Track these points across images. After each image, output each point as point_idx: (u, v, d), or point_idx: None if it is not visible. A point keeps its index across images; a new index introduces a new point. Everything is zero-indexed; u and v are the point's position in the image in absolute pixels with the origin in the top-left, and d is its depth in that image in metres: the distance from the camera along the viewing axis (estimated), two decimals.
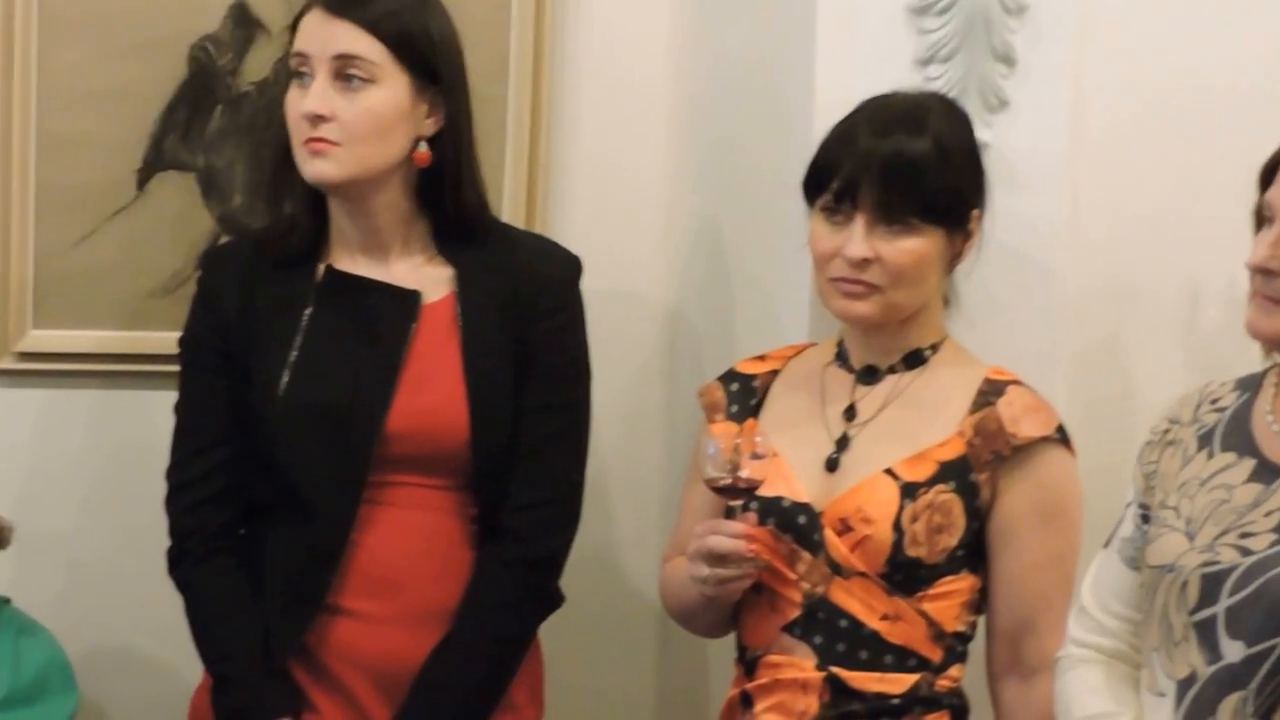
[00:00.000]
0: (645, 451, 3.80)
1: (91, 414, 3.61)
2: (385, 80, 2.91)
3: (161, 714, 3.41)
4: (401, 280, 3.02)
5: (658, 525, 3.68)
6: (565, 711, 3.38)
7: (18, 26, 3.43)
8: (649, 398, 3.81)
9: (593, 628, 3.69)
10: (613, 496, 3.75)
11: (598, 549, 3.65)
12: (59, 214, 3.52)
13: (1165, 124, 3.34)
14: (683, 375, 3.75)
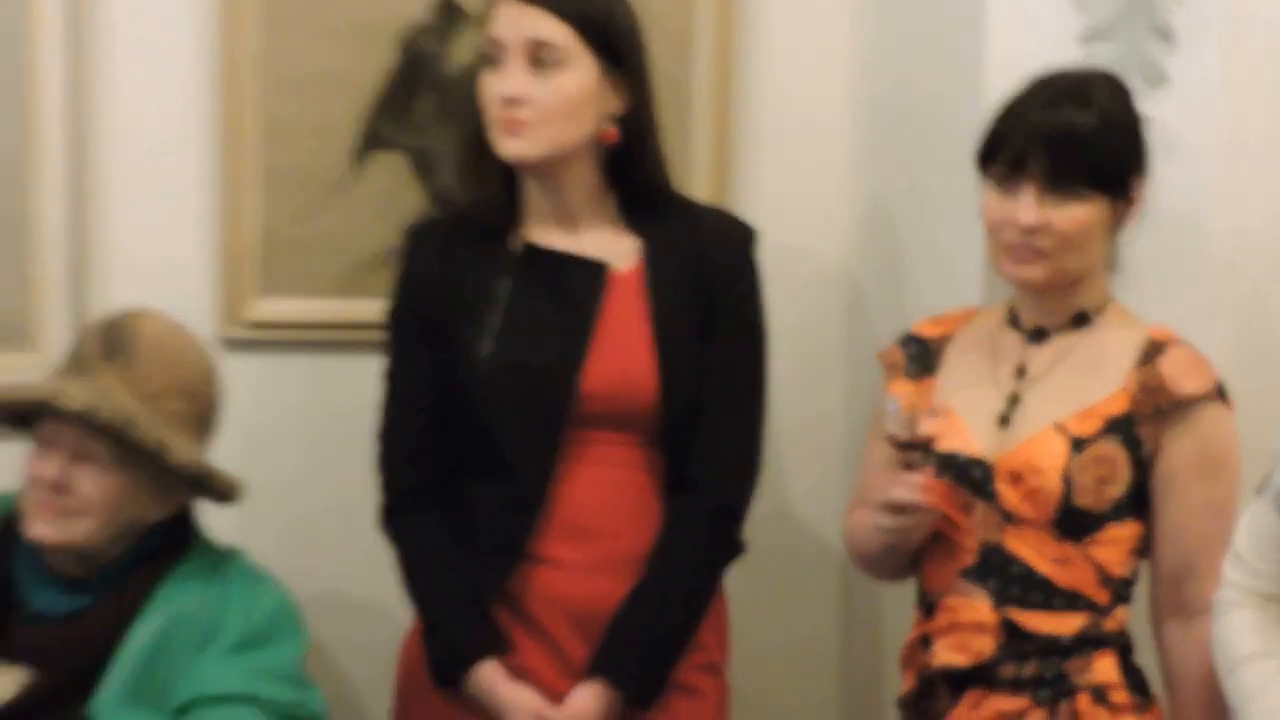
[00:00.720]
0: (827, 409, 3.89)
1: (310, 377, 3.77)
2: (574, 63, 3.02)
3: (377, 655, 3.53)
4: (592, 251, 3.13)
5: (840, 479, 3.79)
6: (751, 654, 3.49)
7: (246, 19, 3.61)
8: (830, 359, 3.89)
9: (778, 575, 3.80)
10: (796, 452, 3.85)
11: (783, 502, 3.79)
12: (284, 192, 3.68)
13: None
14: (861, 338, 3.83)
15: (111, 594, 3.17)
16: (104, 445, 3.06)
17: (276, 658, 3.15)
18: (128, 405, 3.07)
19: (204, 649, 3.12)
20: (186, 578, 3.20)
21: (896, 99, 3.80)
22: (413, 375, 3.24)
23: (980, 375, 3.07)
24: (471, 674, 3.12)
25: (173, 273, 3.69)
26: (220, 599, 3.18)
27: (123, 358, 3.15)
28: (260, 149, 3.69)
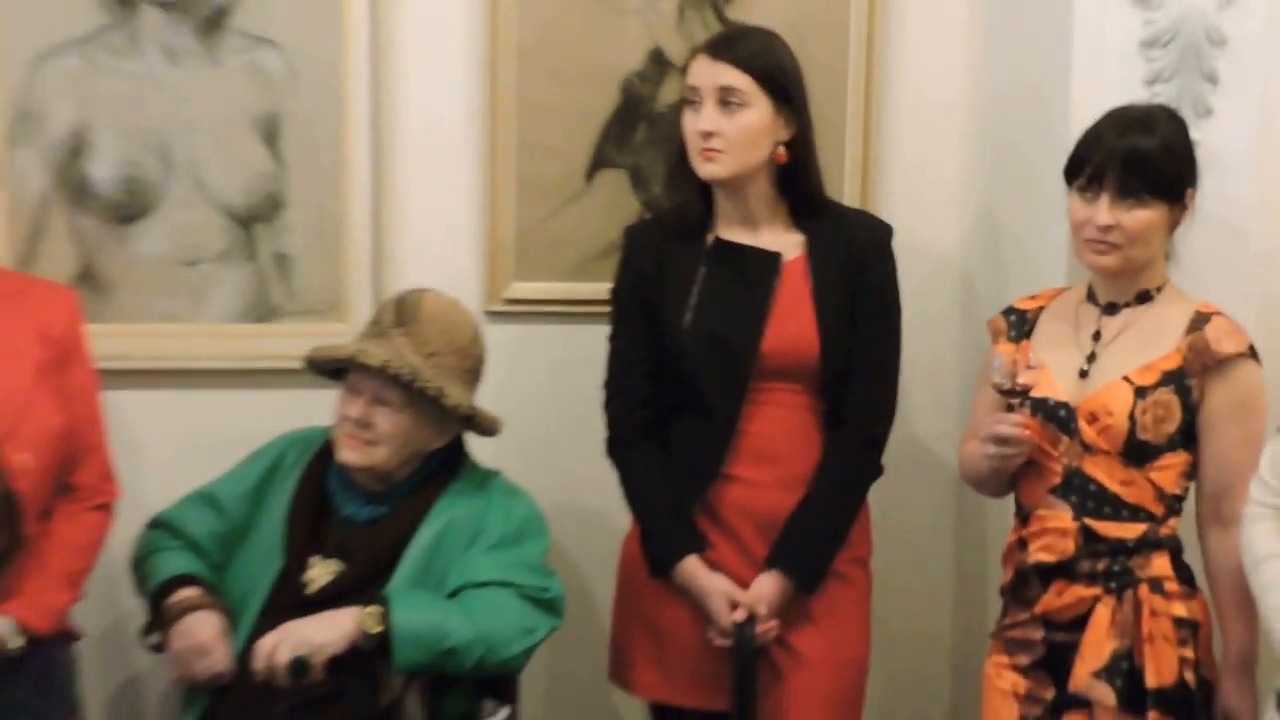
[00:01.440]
0: (944, 365, 4.17)
1: (551, 342, 4.09)
2: (753, 104, 3.40)
3: (603, 553, 3.86)
4: (767, 245, 3.50)
5: (955, 419, 4.09)
6: (888, 552, 3.80)
7: (506, 64, 3.97)
8: (947, 326, 4.19)
9: (908, 492, 4.14)
10: (922, 398, 4.15)
11: (912, 436, 4.09)
12: (533, 200, 4.04)
13: None
14: (972, 312, 4.11)
15: (402, 505, 3.55)
16: (396, 392, 3.43)
17: (526, 553, 3.53)
18: (414, 361, 3.43)
19: (471, 546, 3.52)
20: (458, 493, 3.59)
21: (1000, 131, 4.06)
22: (630, 339, 3.59)
23: (1065, 338, 3.38)
24: (678, 566, 3.50)
25: (449, 260, 4.05)
26: (484, 508, 3.57)
27: (410, 325, 3.52)
28: (515, 165, 4.03)
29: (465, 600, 3.45)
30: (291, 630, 3.37)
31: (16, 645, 3.35)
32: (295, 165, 3.99)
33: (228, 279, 4.02)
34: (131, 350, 3.94)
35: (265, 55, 3.93)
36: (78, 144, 3.92)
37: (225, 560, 3.68)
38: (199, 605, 3.52)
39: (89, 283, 3.94)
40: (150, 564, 3.64)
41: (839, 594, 3.59)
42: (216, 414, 3.98)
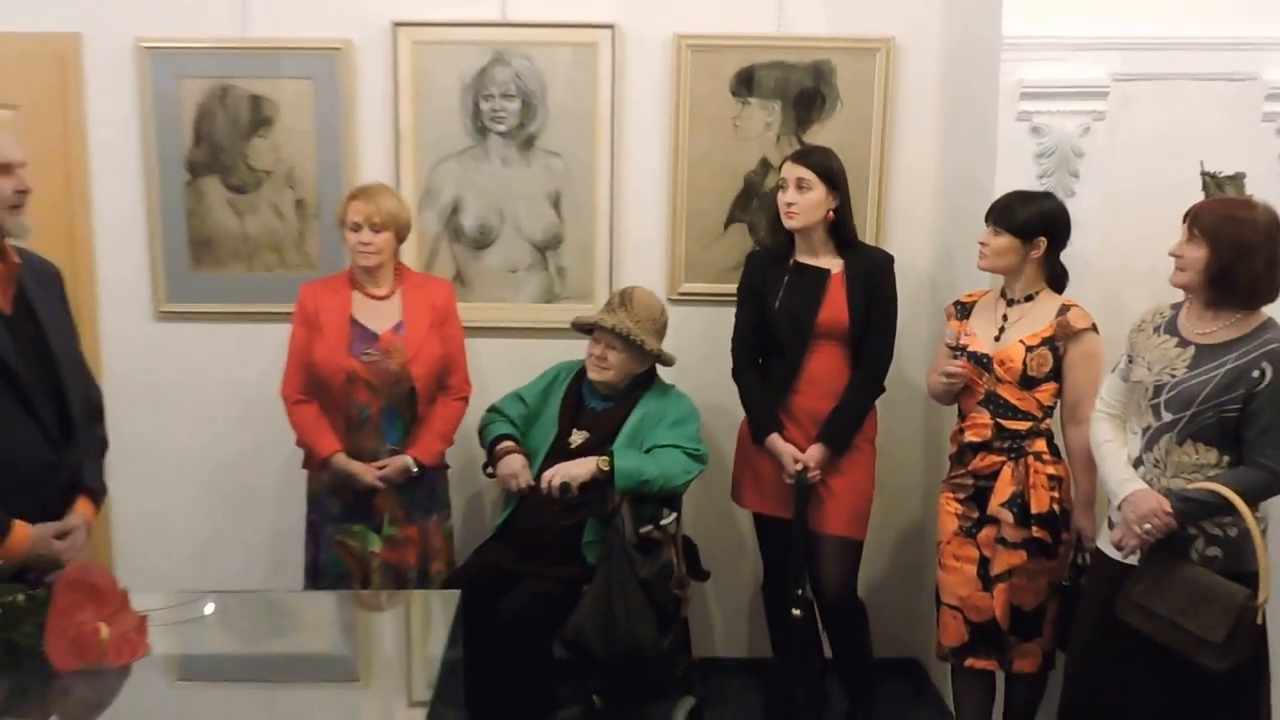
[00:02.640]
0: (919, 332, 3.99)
1: (706, 316, 3.97)
2: (816, 188, 3.37)
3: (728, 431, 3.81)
4: (822, 265, 3.45)
5: (924, 362, 3.85)
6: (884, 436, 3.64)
7: (680, 163, 3.93)
8: (921, 311, 4.00)
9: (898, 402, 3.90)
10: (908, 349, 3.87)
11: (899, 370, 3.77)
12: (695, 238, 3.98)
13: None
14: (934, 302, 3.94)
15: (621, 402, 3.57)
16: (619, 341, 3.48)
17: (688, 429, 3.53)
18: (628, 325, 3.48)
19: (657, 425, 3.52)
20: (651, 396, 3.59)
21: (952, 195, 3.84)
22: (745, 315, 3.54)
23: (988, 318, 3.25)
24: (767, 439, 3.47)
25: (650, 269, 4.00)
26: (664, 404, 3.57)
27: (628, 305, 3.54)
28: (685, 219, 3.97)
29: (654, 454, 3.47)
30: (560, 467, 3.46)
31: (414, 471, 3.51)
32: (568, 219, 4.01)
33: (532, 279, 4.06)
34: (481, 317, 4.01)
35: (554, 161, 3.97)
36: (455, 208, 4.02)
37: (526, 429, 3.70)
38: (513, 451, 3.61)
39: (459, 280, 4.03)
40: (488, 429, 3.70)
41: (856, 456, 3.54)
42: (526, 351, 3.98)
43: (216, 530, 4.14)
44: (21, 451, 2.54)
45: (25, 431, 2.54)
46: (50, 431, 2.59)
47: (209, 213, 3.97)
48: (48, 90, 3.90)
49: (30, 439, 2.55)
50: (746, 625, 4.20)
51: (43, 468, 2.59)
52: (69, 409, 2.64)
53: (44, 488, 2.62)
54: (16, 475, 2.54)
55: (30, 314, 2.59)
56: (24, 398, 2.53)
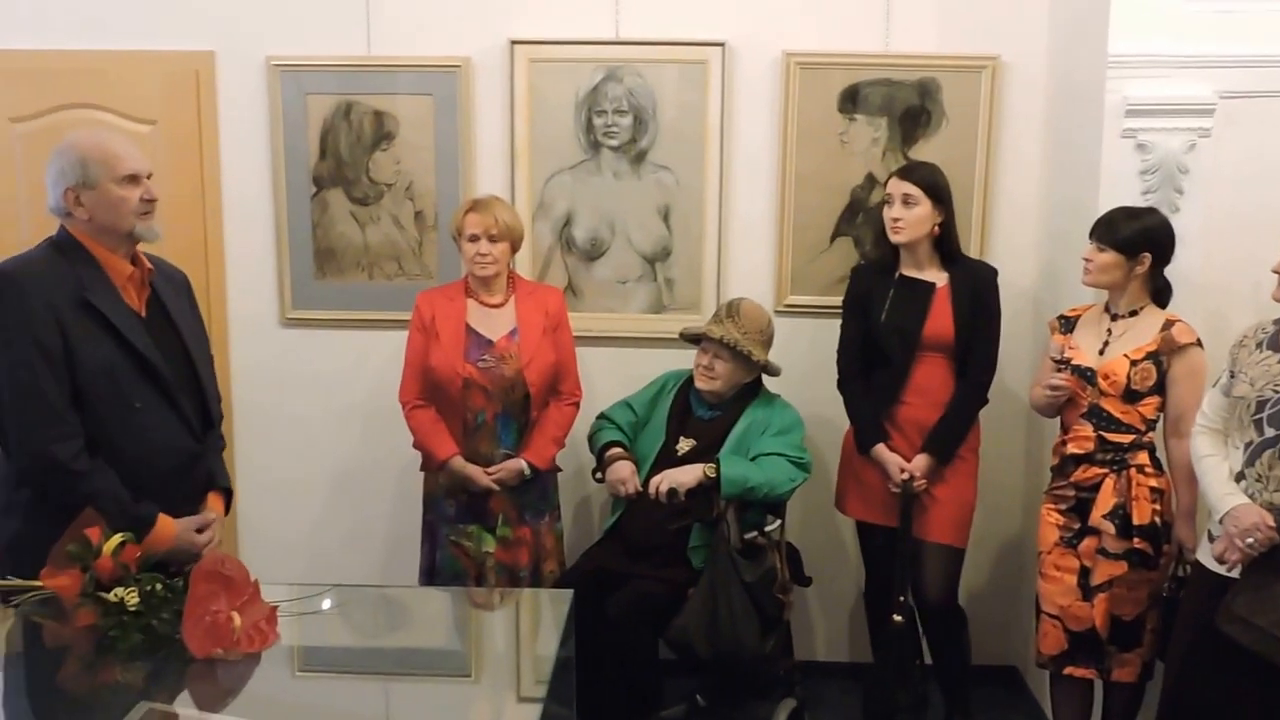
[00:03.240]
0: (1023, 346, 3.98)
1: (809, 331, 4.04)
2: (921, 203, 3.44)
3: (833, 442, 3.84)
4: (928, 278, 3.51)
5: (1027, 375, 3.92)
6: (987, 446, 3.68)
7: (787, 180, 4.01)
8: (1025, 325, 4.00)
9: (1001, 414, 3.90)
10: (1010, 363, 3.85)
11: (1003, 383, 3.77)
12: (801, 252, 4.06)
13: None
14: (1038, 316, 3.94)
15: (727, 411, 3.63)
16: (727, 351, 3.54)
17: (793, 438, 3.59)
18: (736, 336, 3.54)
19: (763, 434, 3.57)
20: (756, 405, 3.64)
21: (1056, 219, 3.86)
22: (851, 327, 3.61)
23: (1092, 332, 3.29)
24: (873, 449, 3.54)
25: (758, 281, 4.06)
26: (769, 413, 3.62)
27: (735, 316, 3.60)
28: (793, 233, 4.04)
29: (759, 462, 3.53)
30: (668, 473, 3.53)
31: (527, 474, 3.63)
32: (677, 232, 4.09)
33: (641, 290, 4.14)
34: (591, 326, 4.10)
35: (665, 175, 4.06)
36: (568, 220, 4.13)
37: (635, 436, 3.80)
38: (622, 457, 3.70)
39: (571, 291, 4.13)
40: (598, 436, 3.81)
41: (959, 466, 3.58)
42: (635, 360, 4.08)
43: (336, 529, 4.29)
44: (168, 443, 2.70)
45: (170, 424, 2.69)
46: (192, 424, 2.74)
47: (332, 224, 4.15)
48: (184, 106, 4.13)
49: (175, 431, 2.71)
50: (847, 630, 4.27)
51: (187, 458, 2.74)
52: (207, 402, 2.81)
53: (186, 480, 2.78)
54: (163, 467, 2.71)
55: (164, 315, 2.76)
56: (167, 392, 2.68)
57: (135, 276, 2.71)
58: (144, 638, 2.31)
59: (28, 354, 2.51)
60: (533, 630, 2.75)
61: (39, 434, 2.53)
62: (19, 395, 2.53)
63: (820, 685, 4.06)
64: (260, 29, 3.99)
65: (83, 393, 2.57)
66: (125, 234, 2.65)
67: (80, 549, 2.37)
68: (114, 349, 2.59)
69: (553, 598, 2.85)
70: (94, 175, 2.60)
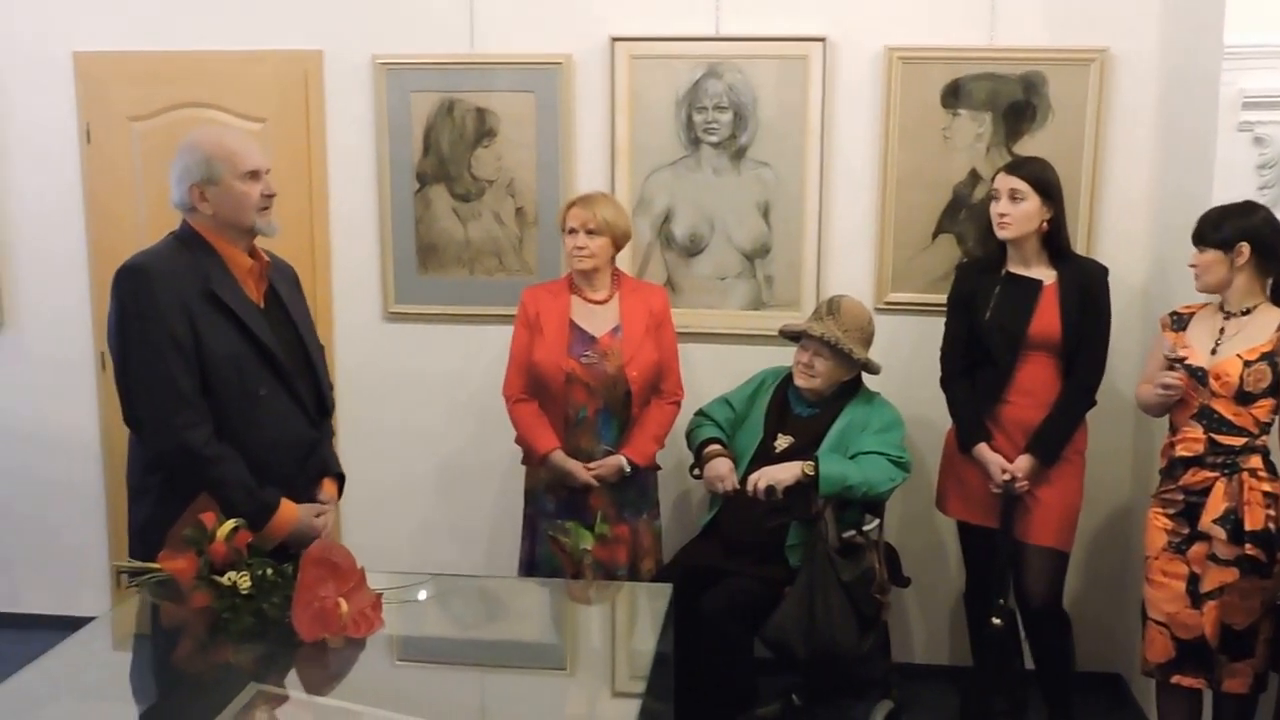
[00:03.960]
0: (1131, 343, 3.93)
1: (909, 329, 4.07)
2: (1029, 199, 3.42)
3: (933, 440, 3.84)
4: (1036, 275, 3.49)
5: (1134, 375, 3.83)
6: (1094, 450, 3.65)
7: (889, 176, 4.00)
8: (1134, 323, 3.96)
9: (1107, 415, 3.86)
10: (1118, 361, 3.79)
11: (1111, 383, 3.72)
12: (902, 249, 4.05)
13: None
14: (1147, 314, 3.92)
15: (826, 409, 3.64)
16: (827, 349, 3.54)
17: (893, 437, 3.59)
18: (837, 334, 3.54)
19: (862, 432, 3.57)
20: (856, 404, 3.65)
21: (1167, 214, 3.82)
22: (955, 324, 3.63)
23: (1204, 331, 3.25)
24: (975, 449, 3.53)
25: (857, 279, 4.06)
26: (869, 412, 3.63)
27: (836, 314, 3.60)
28: (894, 231, 4.05)
29: (859, 460, 3.53)
30: (766, 471, 3.53)
31: (627, 471, 3.70)
32: (777, 229, 4.11)
33: (740, 287, 4.17)
34: (690, 322, 4.12)
35: (765, 171, 4.08)
36: (667, 216, 4.18)
37: (733, 433, 3.80)
38: (721, 454, 3.71)
39: (670, 286, 4.15)
40: (696, 432, 3.83)
41: (1064, 468, 3.55)
42: (733, 357, 4.10)
43: (438, 521, 4.38)
44: (288, 430, 2.79)
45: (290, 413, 2.79)
46: (309, 411, 2.84)
47: (435, 219, 4.26)
48: (293, 104, 4.29)
49: (294, 418, 2.80)
50: (946, 632, 4.26)
51: (306, 445, 2.84)
52: (321, 390, 2.91)
53: (304, 466, 2.88)
54: (284, 453, 2.81)
55: (280, 307, 2.86)
56: (286, 381, 2.77)
57: (254, 269, 2.81)
58: (255, 621, 2.39)
59: (161, 344, 2.61)
60: (629, 625, 2.78)
61: (171, 422, 2.63)
62: (153, 384, 2.64)
63: (918, 687, 4.05)
64: (367, 28, 4.11)
65: (210, 381, 2.67)
66: (247, 228, 2.76)
67: (195, 533, 2.47)
68: (238, 339, 2.69)
69: (650, 592, 2.87)
70: (217, 171, 2.70)
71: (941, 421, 3.71)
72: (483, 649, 2.57)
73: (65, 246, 4.35)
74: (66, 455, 4.48)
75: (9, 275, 4.42)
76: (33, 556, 4.59)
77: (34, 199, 4.35)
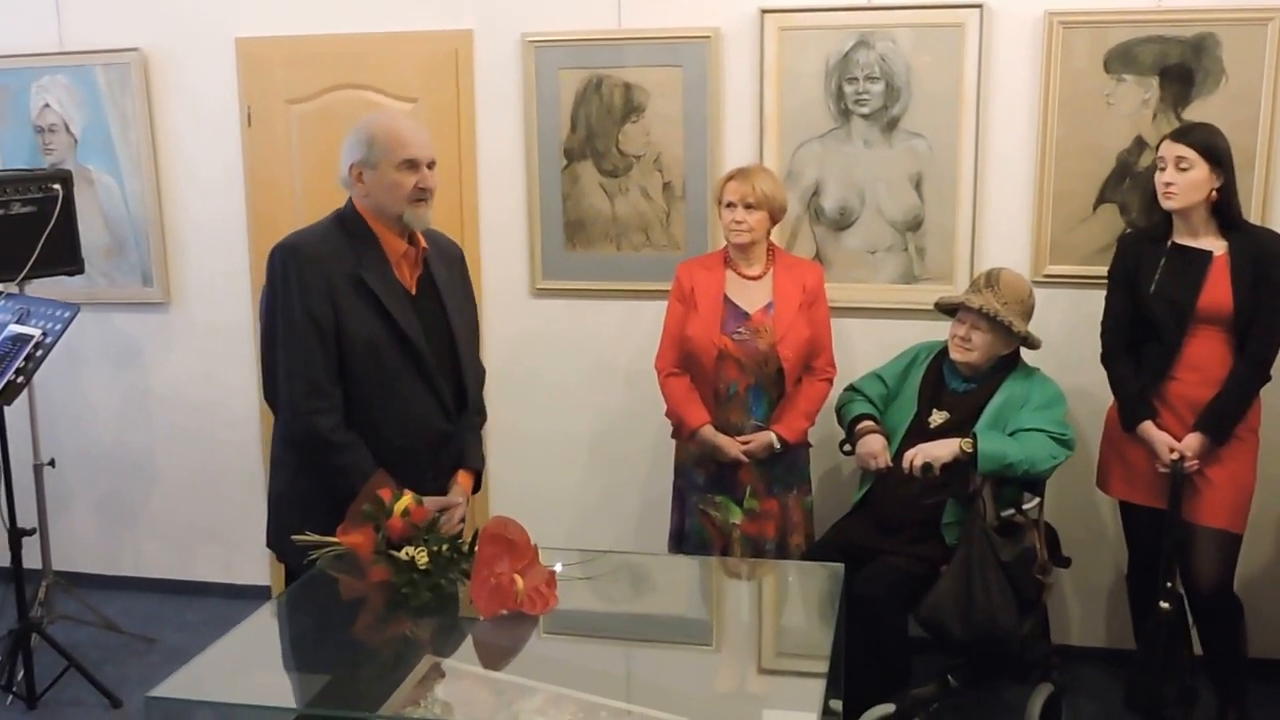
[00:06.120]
0: None
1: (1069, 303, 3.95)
2: (1197, 167, 3.35)
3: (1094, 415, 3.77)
4: (1205, 246, 3.41)
5: None
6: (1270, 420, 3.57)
7: (1047, 145, 3.93)
8: None
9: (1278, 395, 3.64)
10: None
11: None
12: (1061, 220, 3.99)
13: None
14: None
15: (983, 384, 3.61)
16: (985, 322, 3.52)
17: (1054, 413, 3.54)
18: (996, 305, 3.51)
19: (1022, 408, 3.54)
20: (1014, 379, 3.61)
21: None
22: (1116, 298, 3.55)
23: None
24: (1140, 426, 3.49)
25: (1014, 251, 3.98)
26: (1029, 387, 3.58)
27: (994, 286, 3.57)
28: (1052, 203, 3.99)
29: (1018, 437, 3.50)
30: (923, 447, 3.53)
31: (777, 448, 3.72)
32: (929, 200, 4.08)
33: (891, 260, 4.16)
34: (840, 297, 4.08)
35: (917, 142, 4.06)
36: (816, 190, 4.17)
37: (885, 409, 3.82)
38: (874, 430, 3.73)
39: (821, 260, 4.17)
40: (847, 408, 3.84)
41: (1237, 446, 3.49)
42: (884, 331, 4.11)
43: (589, 496, 4.46)
44: (421, 422, 2.82)
45: (425, 404, 2.82)
46: (446, 404, 2.86)
47: (583, 195, 4.32)
48: (443, 83, 4.36)
49: (429, 411, 2.83)
50: (1104, 615, 4.21)
51: (438, 438, 2.86)
52: (464, 383, 2.92)
53: (435, 459, 2.91)
54: (415, 444, 2.84)
55: (434, 294, 2.87)
56: (426, 371, 2.80)
57: (410, 254, 2.84)
58: (432, 596, 2.45)
59: (303, 325, 2.68)
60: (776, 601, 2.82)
61: (305, 404, 2.71)
62: (291, 364, 2.71)
63: (1076, 670, 4.02)
64: (515, 7, 4.16)
65: (347, 364, 2.72)
66: (395, 217, 2.78)
67: (374, 509, 2.52)
68: (379, 325, 2.73)
69: (800, 570, 2.94)
70: (376, 156, 2.74)
71: (1102, 398, 3.66)
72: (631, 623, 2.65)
73: (227, 224, 4.52)
74: (229, 425, 4.67)
75: (176, 253, 4.62)
76: (197, 524, 4.79)
77: (200, 181, 4.55)
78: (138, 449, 4.80)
